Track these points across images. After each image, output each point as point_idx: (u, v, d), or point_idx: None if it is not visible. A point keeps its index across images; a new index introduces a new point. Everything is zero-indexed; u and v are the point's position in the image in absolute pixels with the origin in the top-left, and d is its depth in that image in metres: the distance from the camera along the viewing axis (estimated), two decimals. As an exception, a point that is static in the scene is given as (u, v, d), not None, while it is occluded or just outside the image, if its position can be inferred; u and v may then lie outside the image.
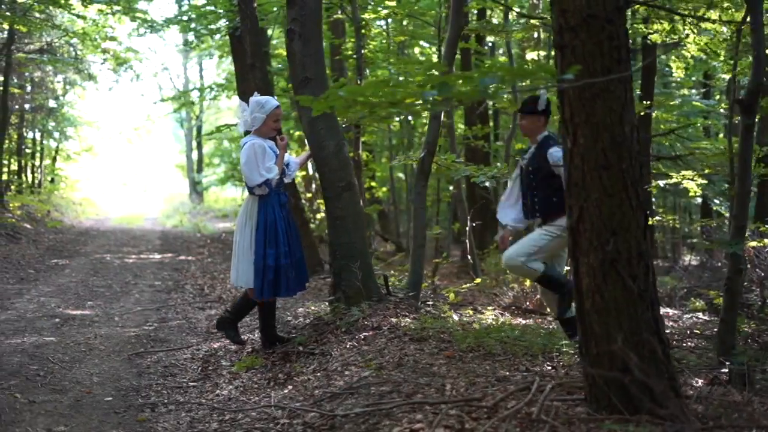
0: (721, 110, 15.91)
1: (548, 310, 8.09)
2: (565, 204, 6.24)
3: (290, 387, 6.26)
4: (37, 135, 34.45)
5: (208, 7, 14.70)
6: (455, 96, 3.87)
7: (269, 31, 16.58)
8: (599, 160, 4.26)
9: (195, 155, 44.37)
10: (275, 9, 14.28)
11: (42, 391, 6.64)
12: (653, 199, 17.70)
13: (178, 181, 52.43)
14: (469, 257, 12.93)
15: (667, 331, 7.19)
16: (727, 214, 14.40)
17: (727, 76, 15.90)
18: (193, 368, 7.52)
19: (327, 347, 6.95)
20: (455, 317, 7.80)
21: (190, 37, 19.45)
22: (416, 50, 20.91)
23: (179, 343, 8.69)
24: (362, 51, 12.73)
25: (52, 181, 35.53)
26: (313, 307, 9.03)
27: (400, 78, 13.97)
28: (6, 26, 21.82)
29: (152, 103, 41.60)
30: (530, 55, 18.50)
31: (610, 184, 4.26)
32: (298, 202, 12.53)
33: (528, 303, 10.47)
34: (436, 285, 11.76)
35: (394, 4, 13.23)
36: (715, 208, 17.54)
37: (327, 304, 8.90)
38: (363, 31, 13.22)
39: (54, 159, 36.51)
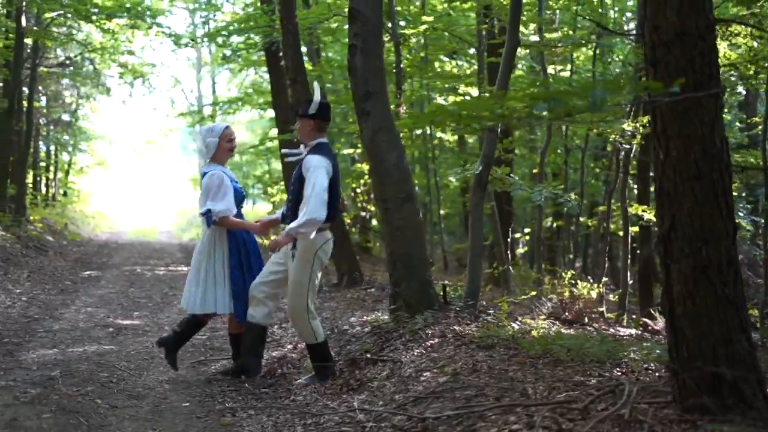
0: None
1: None
2: None
3: (366, 392, 6.44)
4: (51, 148, 34.68)
5: (244, 22, 14.89)
6: (565, 109, 4.05)
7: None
8: (691, 171, 4.43)
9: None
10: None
11: (119, 396, 6.83)
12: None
13: (190, 194, 52.60)
14: (510, 268, 13.12)
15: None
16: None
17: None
18: (259, 375, 7.69)
19: (395, 354, 7.12)
20: (515, 326, 7.97)
21: (217, 51, 19.65)
22: (436, 64, 21.15)
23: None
24: (401, 65, 12.95)
25: (65, 194, 35.73)
26: (365, 317, 9.20)
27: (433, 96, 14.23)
28: (31, 41, 22.03)
29: (164, 117, 41.73)
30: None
31: (702, 194, 4.43)
32: (341, 213, 12.70)
33: (567, 314, 10.64)
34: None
35: (431, 19, 13.47)
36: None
37: (378, 313, 9.11)
38: (401, 45, 13.45)
39: (67, 172, 36.72)
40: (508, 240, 15.09)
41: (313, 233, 6.94)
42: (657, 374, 6.06)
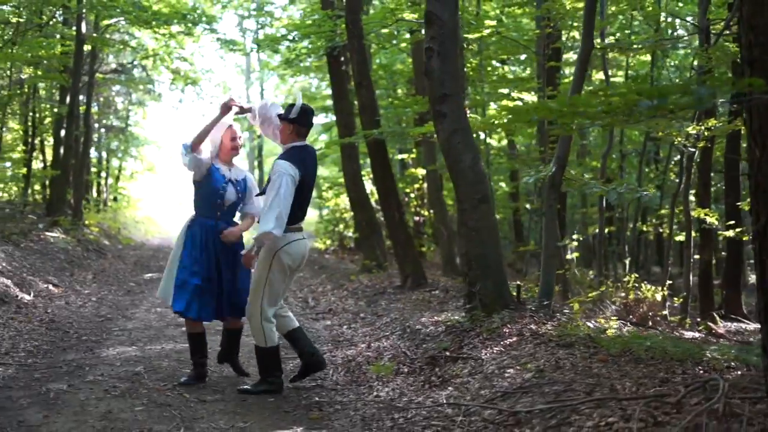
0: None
1: None
2: None
3: (450, 388, 6.54)
4: (103, 154, 35.14)
5: (308, 27, 15.06)
6: (670, 105, 4.13)
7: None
8: (787, 168, 4.49)
9: (257, 174, 44.92)
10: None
11: (205, 391, 7.00)
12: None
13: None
14: (569, 271, 13.18)
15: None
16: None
17: None
18: (337, 373, 7.82)
19: (474, 352, 7.22)
20: (590, 325, 8.03)
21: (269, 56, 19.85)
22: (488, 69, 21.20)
23: (311, 350, 9.02)
24: (464, 69, 13.06)
25: (115, 199, 36.15)
26: (435, 317, 9.29)
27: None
28: (89, 47, 22.38)
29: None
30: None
31: (798, 190, 4.48)
32: (402, 217, 12.83)
33: (631, 316, 10.68)
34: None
35: (494, 23, 13.58)
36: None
37: (448, 313, 9.21)
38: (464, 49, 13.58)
39: (117, 178, 37.19)
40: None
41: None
42: (738, 372, 6.09)
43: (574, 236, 24.32)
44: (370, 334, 9.49)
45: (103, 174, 35.13)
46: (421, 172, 20.66)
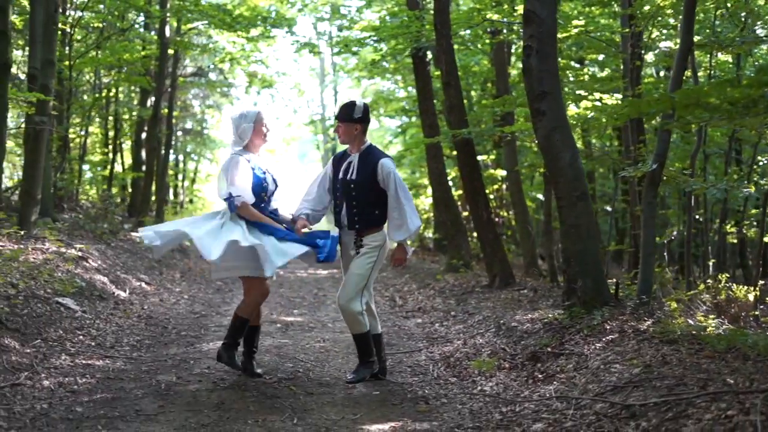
0: None
1: None
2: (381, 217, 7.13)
3: (556, 383, 6.58)
4: (180, 157, 35.70)
5: (395, 28, 15.18)
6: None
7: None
8: None
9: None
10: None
11: (311, 385, 7.14)
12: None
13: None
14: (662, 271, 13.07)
15: None
16: None
17: None
18: (438, 368, 7.91)
19: (576, 348, 7.25)
20: (690, 322, 8.01)
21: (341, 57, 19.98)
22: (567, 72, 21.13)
23: (406, 346, 9.14)
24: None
25: (191, 201, 36.69)
26: (529, 315, 9.32)
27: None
28: (171, 51, 22.77)
29: (287, 126, 42.60)
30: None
31: None
32: (490, 216, 12.87)
33: (723, 316, 10.58)
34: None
35: (582, 23, 13.56)
36: None
37: (541, 311, 9.23)
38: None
39: (193, 180, 37.75)
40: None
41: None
42: None
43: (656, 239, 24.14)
44: (463, 331, 9.56)
45: (180, 176, 35.72)
46: (500, 173, 20.67)
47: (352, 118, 7.18)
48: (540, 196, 22.02)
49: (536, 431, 5.58)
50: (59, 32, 15.95)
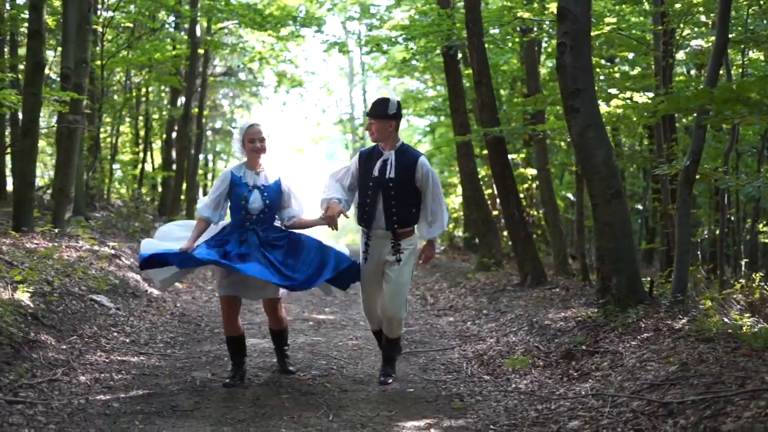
0: None
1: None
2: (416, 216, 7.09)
3: (591, 381, 6.55)
4: (209, 156, 35.85)
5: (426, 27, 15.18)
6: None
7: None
8: None
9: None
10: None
11: (345, 381, 7.18)
12: None
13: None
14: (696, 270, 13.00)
15: None
16: None
17: None
18: (471, 365, 7.90)
19: (611, 346, 7.22)
20: (725, 320, 7.96)
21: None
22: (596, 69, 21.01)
23: (439, 344, 9.14)
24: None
25: (220, 201, 36.72)
26: (562, 313, 9.29)
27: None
28: (202, 51, 22.87)
29: (315, 125, 42.72)
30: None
31: None
32: (522, 215, 12.84)
33: (757, 315, 10.51)
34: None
35: (615, 20, 13.50)
36: None
37: (573, 310, 9.20)
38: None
39: (222, 180, 37.78)
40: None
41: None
42: None
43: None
44: (496, 329, 9.54)
45: (210, 176, 35.85)
46: (530, 172, 20.61)
47: (387, 114, 7.01)
48: (570, 196, 22.00)
49: (572, 428, 5.57)
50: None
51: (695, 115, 8.39)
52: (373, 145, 7.26)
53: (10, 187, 17.87)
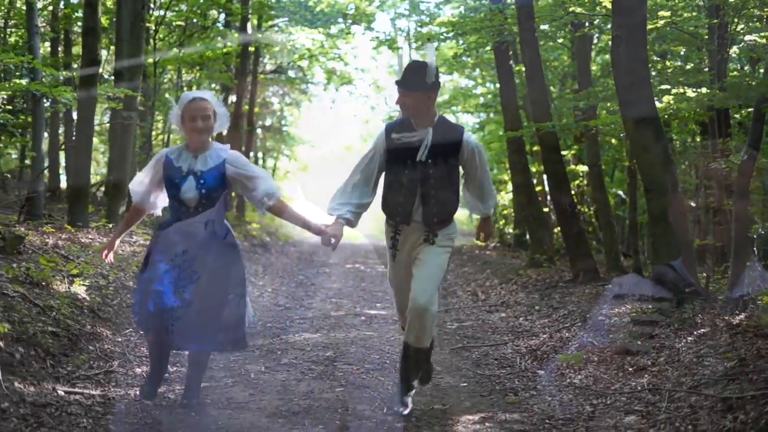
0: None
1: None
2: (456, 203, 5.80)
3: (647, 376, 6.49)
4: (259, 154, 36.00)
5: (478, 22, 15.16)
6: None
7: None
8: None
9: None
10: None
11: (398, 375, 7.12)
12: None
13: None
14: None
15: None
16: None
17: None
18: (524, 360, 7.87)
19: (667, 342, 7.15)
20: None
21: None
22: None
23: (491, 340, 9.12)
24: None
25: (270, 198, 36.88)
26: (616, 309, 9.21)
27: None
28: (253, 48, 22.98)
29: (364, 123, 42.75)
30: None
31: None
32: (574, 211, 12.74)
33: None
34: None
35: (668, 14, 13.36)
36: None
37: (628, 306, 9.12)
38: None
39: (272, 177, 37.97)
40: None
41: None
42: None
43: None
44: (548, 325, 9.49)
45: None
46: (582, 168, 20.46)
47: (426, 84, 5.65)
48: (621, 193, 21.81)
49: (629, 423, 5.53)
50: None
51: (750, 109, 8.31)
52: (402, 117, 5.91)
53: (64, 183, 18.09)
